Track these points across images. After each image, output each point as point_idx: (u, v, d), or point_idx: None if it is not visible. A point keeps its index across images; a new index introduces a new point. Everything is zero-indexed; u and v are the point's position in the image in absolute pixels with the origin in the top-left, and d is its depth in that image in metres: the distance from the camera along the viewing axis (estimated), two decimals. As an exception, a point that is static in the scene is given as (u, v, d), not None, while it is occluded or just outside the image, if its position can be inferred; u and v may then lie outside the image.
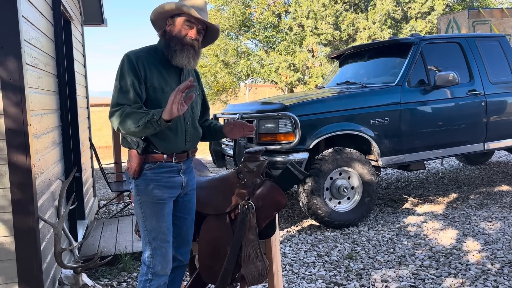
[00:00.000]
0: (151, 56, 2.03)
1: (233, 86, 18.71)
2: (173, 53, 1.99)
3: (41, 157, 2.75)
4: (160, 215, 2.03)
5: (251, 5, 16.86)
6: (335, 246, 3.86)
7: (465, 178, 6.29)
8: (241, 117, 4.47)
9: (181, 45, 1.99)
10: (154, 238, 2.03)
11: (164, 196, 2.04)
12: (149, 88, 1.98)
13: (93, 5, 5.68)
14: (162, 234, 2.04)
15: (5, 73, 2.26)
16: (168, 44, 2.01)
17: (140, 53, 2.01)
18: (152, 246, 2.04)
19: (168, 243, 2.07)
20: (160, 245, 2.04)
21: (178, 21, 2.01)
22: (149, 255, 2.05)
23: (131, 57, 1.97)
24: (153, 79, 1.99)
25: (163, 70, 2.03)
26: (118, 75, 1.97)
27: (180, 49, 1.99)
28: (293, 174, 2.27)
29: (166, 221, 2.06)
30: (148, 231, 2.04)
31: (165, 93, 2.00)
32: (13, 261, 2.34)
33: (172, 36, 2.01)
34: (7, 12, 2.25)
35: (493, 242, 3.77)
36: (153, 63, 2.01)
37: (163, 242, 2.05)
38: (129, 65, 1.95)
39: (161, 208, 2.04)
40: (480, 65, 5.07)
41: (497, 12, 9.67)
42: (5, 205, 2.32)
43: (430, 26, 14.63)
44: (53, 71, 3.39)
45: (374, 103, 4.44)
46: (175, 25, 2.02)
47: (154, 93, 1.98)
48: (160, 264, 2.04)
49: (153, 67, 2.01)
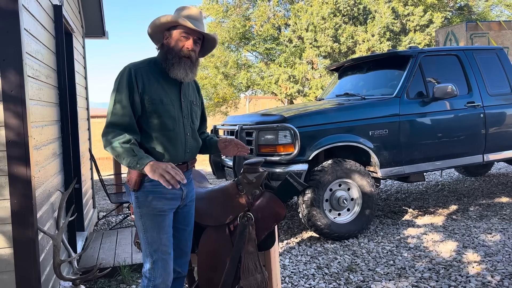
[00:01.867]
0: (151, 68, 2.04)
1: (233, 98, 18.79)
2: (171, 66, 2.02)
3: (41, 168, 2.75)
4: (161, 227, 2.03)
5: (251, 18, 17.01)
6: (335, 258, 3.84)
7: (465, 190, 6.28)
8: (241, 128, 4.48)
9: (178, 58, 2.01)
10: (155, 250, 2.03)
11: (165, 207, 2.04)
12: (148, 100, 1.99)
13: (95, 18, 5.74)
14: (163, 246, 2.03)
15: (7, 85, 2.28)
16: (165, 57, 2.03)
17: (140, 65, 2.03)
18: (153, 259, 2.03)
19: (169, 255, 2.06)
20: (161, 257, 2.03)
21: (175, 34, 2.03)
22: (150, 267, 2.04)
23: (131, 70, 1.99)
24: (152, 91, 2.00)
25: (163, 82, 2.05)
26: (115, 87, 1.99)
27: (177, 62, 2.01)
28: (293, 185, 2.27)
29: (167, 233, 2.05)
30: (149, 243, 2.03)
31: (164, 104, 2.02)
32: (11, 273, 2.34)
33: (170, 48, 2.03)
34: (9, 25, 2.28)
35: (493, 254, 3.76)
36: (153, 75, 2.03)
37: (164, 254, 2.04)
38: (128, 78, 1.97)
39: (162, 220, 2.04)
40: (478, 77, 5.10)
41: (495, 25, 9.76)
42: (5, 216, 2.32)
43: (429, 38, 14.75)
44: (54, 83, 3.42)
45: (373, 115, 4.46)
46: (172, 38, 2.04)
47: (152, 105, 2.00)
48: (161, 276, 2.03)
49: (153, 79, 2.02)
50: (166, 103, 2.02)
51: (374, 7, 15.02)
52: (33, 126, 2.56)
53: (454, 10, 17.31)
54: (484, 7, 17.62)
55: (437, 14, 14.94)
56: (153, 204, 2.02)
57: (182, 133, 2.08)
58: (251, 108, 20.85)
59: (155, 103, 2.00)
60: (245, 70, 17.17)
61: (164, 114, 2.02)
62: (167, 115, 2.02)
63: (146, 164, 1.87)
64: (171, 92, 2.07)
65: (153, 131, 2.01)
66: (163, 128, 2.02)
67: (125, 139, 1.92)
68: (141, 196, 2.02)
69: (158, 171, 1.85)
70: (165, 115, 2.02)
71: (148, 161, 1.88)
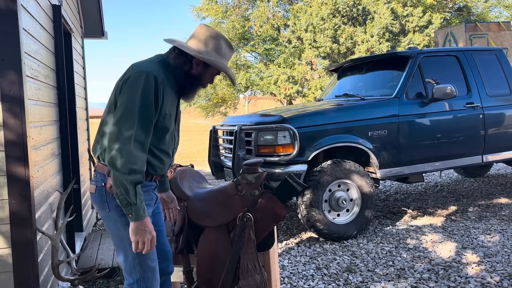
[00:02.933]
0: (166, 76, 1.89)
1: (232, 98, 18.79)
2: (191, 92, 1.99)
3: (39, 168, 2.75)
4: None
5: (251, 18, 17.02)
6: (334, 259, 3.84)
7: (464, 191, 6.28)
8: (240, 129, 4.48)
9: (201, 87, 2.00)
10: (145, 259, 1.94)
11: (148, 212, 1.93)
12: (161, 114, 1.85)
13: (94, 18, 5.73)
14: (152, 253, 1.97)
15: (5, 85, 2.27)
16: (190, 83, 1.96)
17: (158, 70, 1.85)
18: (143, 268, 1.94)
19: (156, 261, 2.01)
20: (151, 266, 1.96)
21: (211, 71, 1.96)
22: (138, 278, 1.94)
23: (157, 80, 1.80)
24: (167, 105, 1.88)
25: (171, 92, 1.92)
26: (141, 95, 1.76)
27: (197, 91, 2.01)
28: (292, 186, 2.27)
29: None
30: (138, 253, 1.91)
31: (171, 118, 1.93)
32: (10, 273, 2.33)
33: (198, 78, 1.96)
34: (8, 25, 2.27)
35: (492, 254, 3.76)
36: (168, 84, 1.89)
37: (153, 262, 1.97)
38: (155, 89, 1.79)
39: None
40: (478, 78, 5.11)
41: (494, 26, 9.78)
42: (3, 216, 2.31)
43: (428, 39, 14.76)
44: (53, 83, 3.41)
45: (372, 116, 4.46)
46: (206, 72, 1.95)
47: (163, 119, 1.87)
48: (151, 286, 1.97)
49: (170, 90, 1.90)
50: (171, 117, 1.94)
51: (373, 8, 15.03)
52: (32, 126, 2.55)
53: (453, 11, 17.34)
54: (483, 8, 17.65)
55: (436, 15, 14.96)
56: None
57: (173, 146, 2.04)
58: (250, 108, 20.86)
59: (165, 118, 1.88)
60: (244, 70, 17.18)
61: (166, 129, 1.92)
62: (167, 129, 1.92)
63: (140, 219, 1.77)
64: (174, 104, 1.96)
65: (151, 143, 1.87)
66: (162, 143, 1.92)
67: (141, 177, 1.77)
68: None
69: (140, 237, 1.78)
70: (166, 129, 1.92)
71: (142, 218, 1.77)
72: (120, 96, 1.81)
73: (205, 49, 1.92)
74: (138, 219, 1.77)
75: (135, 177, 1.74)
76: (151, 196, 2.03)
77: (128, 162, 1.72)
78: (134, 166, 1.74)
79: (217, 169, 5.08)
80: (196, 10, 17.85)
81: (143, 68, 1.82)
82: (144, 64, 1.86)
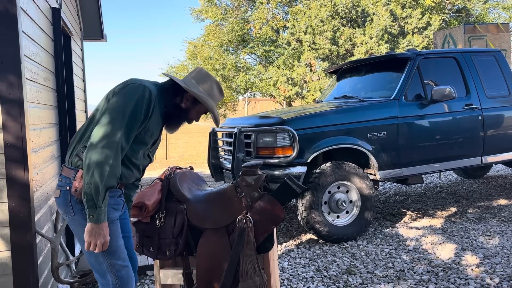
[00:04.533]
0: (159, 97, 2.02)
1: (232, 100, 18.80)
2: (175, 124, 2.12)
3: (39, 171, 2.75)
4: (117, 233, 2.00)
5: (250, 20, 17.04)
6: (333, 261, 3.84)
7: (463, 192, 6.29)
8: (240, 131, 4.48)
9: (185, 121, 2.13)
10: (117, 258, 1.98)
11: (114, 216, 2.00)
12: (144, 128, 1.97)
13: (93, 21, 5.74)
14: (123, 253, 2.01)
15: (5, 88, 2.28)
16: (177, 115, 2.10)
17: (155, 89, 2.00)
18: (115, 268, 1.98)
19: (128, 261, 2.05)
20: (123, 265, 2.00)
21: (198, 109, 2.11)
22: (113, 278, 1.98)
23: (151, 93, 1.94)
24: (152, 123, 2.00)
25: (158, 113, 2.04)
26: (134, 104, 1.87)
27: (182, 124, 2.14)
28: (291, 188, 2.27)
29: (121, 240, 2.04)
30: (108, 254, 1.96)
31: (152, 136, 2.05)
32: (9, 276, 2.33)
33: (185, 112, 2.11)
34: (7, 28, 2.27)
35: (492, 256, 3.76)
36: (159, 107, 2.02)
37: (124, 261, 2.01)
38: (148, 102, 1.92)
39: (116, 227, 2.01)
40: (477, 80, 5.11)
41: (493, 28, 9.78)
42: (3, 219, 2.31)
43: (427, 41, 14.78)
44: (52, 85, 3.41)
45: (371, 117, 4.46)
46: (193, 109, 2.11)
47: (145, 134, 1.99)
48: (127, 283, 2.00)
49: (158, 112, 2.02)
50: (153, 135, 2.06)
51: (372, 9, 15.05)
52: (31, 128, 2.55)
53: (452, 12, 17.37)
54: (482, 10, 17.67)
55: (435, 17, 14.98)
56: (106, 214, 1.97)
57: (147, 162, 2.14)
58: (249, 110, 20.88)
59: (147, 134, 2.00)
60: (243, 72, 17.19)
61: (144, 145, 2.03)
62: (145, 145, 2.04)
63: (99, 223, 1.79)
64: (158, 128, 2.08)
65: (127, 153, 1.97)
66: (137, 157, 2.02)
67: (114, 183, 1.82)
68: None
69: (94, 239, 1.80)
70: (144, 146, 2.03)
71: (101, 222, 1.81)
72: (112, 102, 1.88)
73: (197, 88, 2.08)
74: (98, 222, 1.81)
75: (111, 181, 1.81)
76: (117, 201, 2.05)
77: (111, 166, 1.79)
78: (115, 170, 1.81)
79: (216, 171, 5.08)
80: (196, 12, 17.87)
81: (141, 82, 1.96)
82: (142, 80, 2.00)
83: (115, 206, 2.02)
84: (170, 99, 2.08)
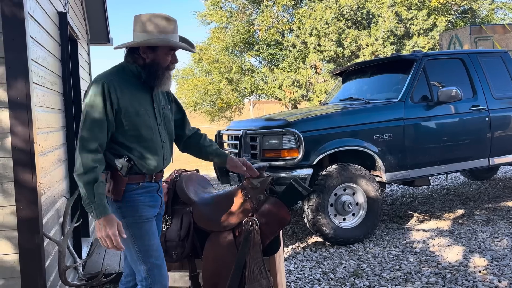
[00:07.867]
0: (122, 78, 1.98)
1: (237, 103, 18.84)
2: (160, 82, 2.01)
3: (46, 174, 2.77)
4: (150, 233, 2.02)
5: (255, 23, 17.07)
6: (340, 263, 3.82)
7: (470, 194, 6.25)
8: (245, 133, 4.49)
9: (166, 72, 2.02)
10: (149, 257, 2.00)
11: (149, 214, 2.02)
12: (123, 113, 1.93)
13: (99, 25, 5.78)
14: (156, 251, 2.02)
15: (13, 92, 2.30)
16: (153, 73, 1.99)
17: (111, 76, 1.95)
18: (147, 267, 2.00)
19: (162, 259, 2.05)
20: (156, 264, 2.01)
21: (161, 51, 1.98)
22: (145, 275, 2.00)
23: (103, 85, 1.90)
24: (127, 103, 1.94)
25: (135, 91, 1.99)
26: (88, 101, 1.90)
27: (167, 76, 2.02)
28: (297, 190, 2.27)
29: (156, 238, 2.05)
30: (141, 252, 1.99)
31: (140, 115, 1.97)
32: (17, 279, 2.34)
33: (157, 64, 1.99)
34: (15, 32, 2.30)
35: (500, 258, 3.73)
36: (125, 85, 1.96)
37: (157, 259, 2.02)
38: (101, 93, 1.89)
39: (150, 226, 2.02)
40: (483, 81, 5.08)
41: (499, 28, 9.73)
42: (11, 222, 2.33)
43: (433, 42, 14.73)
44: (59, 89, 3.44)
45: (377, 119, 4.45)
46: (157, 55, 1.99)
47: (129, 117, 1.94)
48: (159, 282, 2.01)
49: (126, 90, 1.96)
50: (141, 114, 1.98)
51: (377, 11, 15.03)
52: (39, 132, 2.57)
53: (458, 13, 17.29)
54: (488, 10, 17.59)
55: (440, 18, 14.93)
56: (139, 212, 1.99)
57: (159, 141, 2.06)
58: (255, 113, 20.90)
59: (131, 116, 1.95)
60: (249, 75, 17.22)
61: (141, 126, 1.97)
62: (143, 126, 1.98)
63: (100, 217, 1.82)
64: (144, 101, 2.02)
65: (131, 142, 1.97)
66: (141, 140, 1.98)
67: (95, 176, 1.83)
68: (124, 206, 1.98)
69: (100, 234, 1.82)
70: (142, 126, 1.98)
71: (102, 216, 1.82)
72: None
73: (145, 34, 1.96)
74: (98, 217, 1.83)
75: (89, 177, 1.83)
76: (155, 197, 2.07)
77: (80, 164, 1.84)
78: (86, 166, 1.84)
79: (222, 173, 5.08)
80: (201, 16, 17.95)
81: (95, 78, 1.96)
82: (99, 75, 1.98)
83: (151, 203, 2.04)
84: (135, 68, 2.01)
